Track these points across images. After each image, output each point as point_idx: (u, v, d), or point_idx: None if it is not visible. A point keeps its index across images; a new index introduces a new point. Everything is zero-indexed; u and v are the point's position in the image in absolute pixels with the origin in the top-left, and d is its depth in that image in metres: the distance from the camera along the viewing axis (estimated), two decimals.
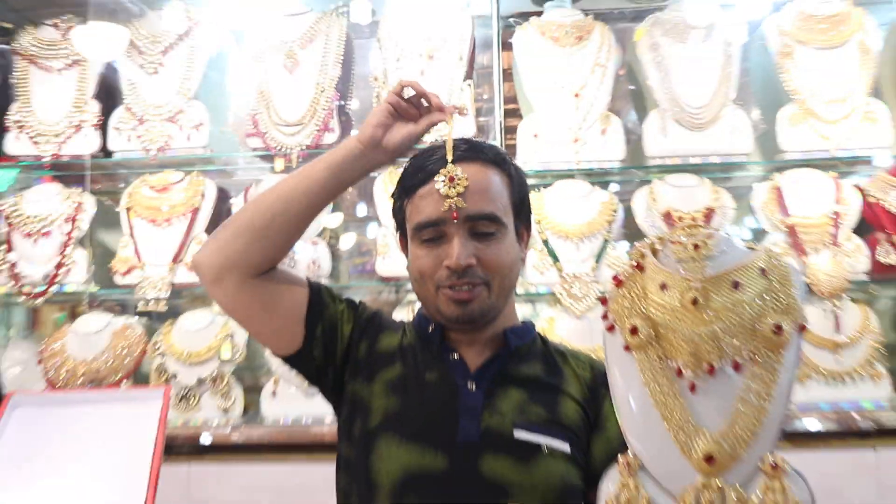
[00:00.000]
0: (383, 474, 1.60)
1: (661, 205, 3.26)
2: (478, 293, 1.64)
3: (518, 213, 1.72)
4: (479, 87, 3.57)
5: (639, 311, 1.20)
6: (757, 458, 1.11)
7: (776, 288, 1.16)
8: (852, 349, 3.11)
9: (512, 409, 1.64)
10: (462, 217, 1.60)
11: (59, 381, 3.21)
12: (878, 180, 3.25)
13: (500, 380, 1.69)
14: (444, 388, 1.67)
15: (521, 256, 1.74)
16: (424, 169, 1.67)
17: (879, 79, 3.41)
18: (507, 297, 1.72)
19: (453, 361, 1.71)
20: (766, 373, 1.13)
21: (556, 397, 1.68)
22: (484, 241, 1.63)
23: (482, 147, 1.72)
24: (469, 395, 1.66)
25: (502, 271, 1.66)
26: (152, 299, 3.27)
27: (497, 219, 1.64)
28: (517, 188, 1.72)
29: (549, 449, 1.60)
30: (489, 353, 1.72)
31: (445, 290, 1.64)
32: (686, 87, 3.35)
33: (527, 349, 1.76)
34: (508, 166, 1.73)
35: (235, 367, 3.26)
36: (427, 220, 1.63)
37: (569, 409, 1.67)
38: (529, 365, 1.73)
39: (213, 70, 3.58)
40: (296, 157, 3.31)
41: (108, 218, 3.62)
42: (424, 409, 1.65)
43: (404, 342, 1.78)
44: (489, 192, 1.65)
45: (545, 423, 1.63)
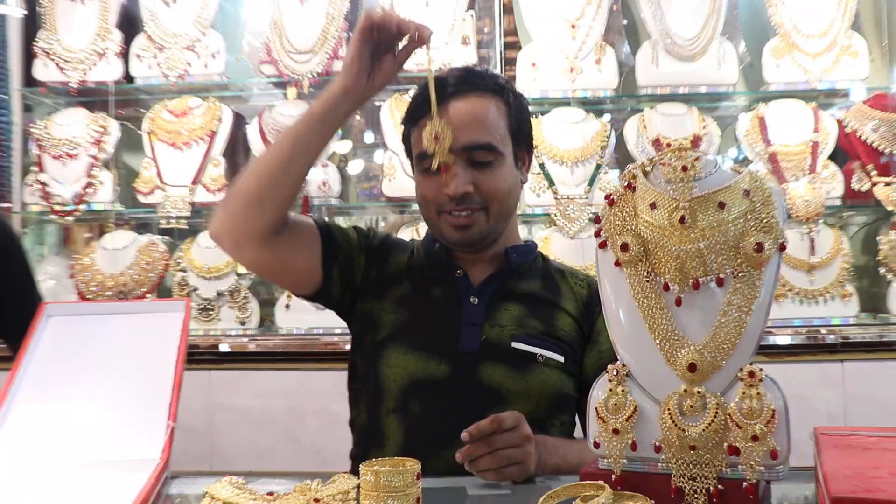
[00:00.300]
0: (390, 380, 1.63)
1: (652, 132, 3.24)
2: (476, 218, 1.65)
3: (517, 140, 1.70)
4: (481, 20, 3.51)
5: (629, 228, 1.19)
6: (736, 367, 1.11)
7: (759, 209, 1.14)
8: (825, 270, 3.12)
9: (511, 321, 1.66)
10: (459, 147, 1.59)
11: (88, 293, 3.22)
12: (855, 111, 3.21)
13: (501, 295, 1.70)
14: (449, 302, 1.69)
15: (520, 180, 1.74)
16: (427, 100, 1.62)
17: (859, 14, 3.34)
18: (507, 220, 1.73)
19: (458, 277, 1.72)
20: (747, 288, 1.13)
21: (552, 312, 1.70)
22: (481, 169, 1.63)
23: (481, 76, 1.70)
24: (471, 308, 1.68)
25: (499, 197, 1.66)
26: (174, 217, 3.27)
27: (493, 148, 1.63)
28: (515, 115, 1.70)
29: (543, 358, 1.62)
30: (492, 269, 1.73)
31: (446, 215, 1.65)
32: (677, 19, 3.30)
33: (528, 267, 1.77)
34: (507, 94, 1.70)
35: (251, 281, 3.28)
36: (427, 149, 1.61)
37: (564, 323, 1.69)
38: (529, 282, 1.74)
39: (228, 1, 3.51)
40: (307, 84, 3.27)
41: (132, 141, 3.60)
42: (429, 321, 1.67)
43: (413, 261, 1.78)
44: (486, 122, 1.63)
45: (541, 336, 1.65)
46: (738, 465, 1.09)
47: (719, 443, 1.10)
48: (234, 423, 2.91)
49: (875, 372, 2.80)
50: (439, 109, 1.58)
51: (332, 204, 3.31)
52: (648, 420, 1.16)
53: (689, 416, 1.12)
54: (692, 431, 1.10)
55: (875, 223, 3.37)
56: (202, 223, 3.43)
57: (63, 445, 1.45)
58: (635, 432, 1.16)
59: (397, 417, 1.62)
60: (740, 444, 1.08)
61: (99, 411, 1.52)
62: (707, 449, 1.10)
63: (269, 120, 3.31)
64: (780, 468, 1.09)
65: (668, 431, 1.12)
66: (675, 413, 1.12)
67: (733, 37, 3.48)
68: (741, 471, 1.08)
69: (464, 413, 1.43)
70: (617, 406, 1.17)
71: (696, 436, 1.10)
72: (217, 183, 3.28)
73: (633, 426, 1.16)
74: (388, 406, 1.63)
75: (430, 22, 3.08)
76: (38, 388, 1.55)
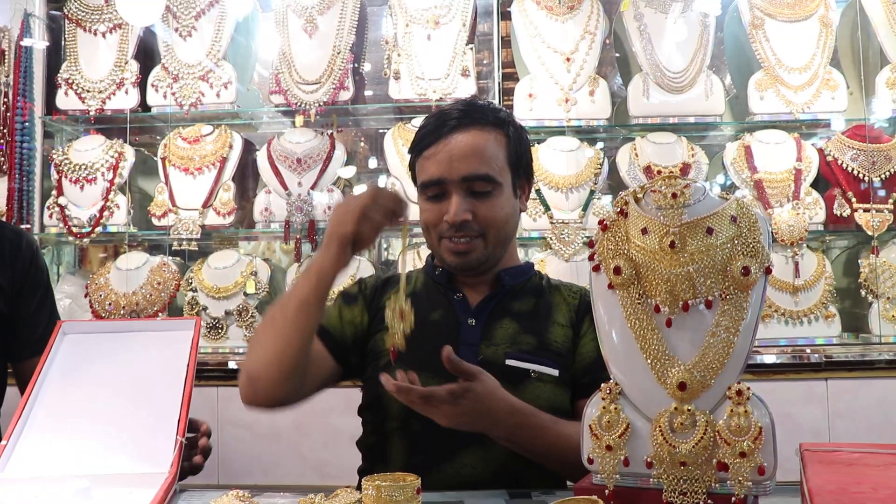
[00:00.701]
0: (392, 402, 1.62)
1: (643, 159, 3.25)
2: (474, 245, 1.66)
3: (516, 170, 1.71)
4: (480, 53, 3.54)
5: (622, 252, 1.19)
6: (724, 386, 1.11)
7: (745, 234, 1.15)
8: (809, 292, 3.12)
9: (505, 339, 1.66)
10: (459, 178, 1.62)
11: (103, 311, 3.21)
12: (835, 141, 3.23)
13: (497, 314, 1.71)
14: (448, 325, 1.70)
15: (518, 208, 1.75)
16: (431, 133, 1.67)
17: (837, 50, 3.37)
18: (505, 246, 1.73)
19: (457, 300, 1.73)
20: (734, 310, 1.13)
21: (545, 325, 1.70)
22: (479, 198, 1.64)
23: (483, 110, 1.71)
24: (469, 329, 1.68)
25: (497, 225, 1.67)
26: (185, 240, 3.27)
27: (491, 178, 1.64)
28: (515, 147, 1.71)
29: (536, 374, 1.62)
30: (488, 291, 1.74)
31: (446, 241, 1.66)
32: (666, 54, 3.32)
33: (521, 286, 1.76)
34: (508, 127, 1.71)
35: (259, 300, 3.27)
36: (429, 179, 1.65)
37: (557, 334, 1.69)
38: (524, 300, 1.74)
39: (240, 34, 3.53)
40: (314, 113, 3.28)
41: (146, 167, 3.61)
42: (429, 343, 1.66)
43: (412, 290, 1.78)
44: (484, 154, 1.64)
45: (535, 351, 1.65)
46: (726, 481, 1.08)
47: (708, 459, 1.09)
48: (240, 438, 2.89)
49: (858, 390, 2.79)
50: (439, 145, 1.62)
51: None
52: (640, 437, 1.15)
53: (680, 433, 1.11)
54: (682, 448, 1.10)
55: (856, 247, 3.38)
56: (212, 245, 3.44)
57: (76, 459, 1.44)
58: (628, 449, 1.15)
59: (400, 436, 1.63)
60: (729, 460, 1.07)
61: (111, 426, 1.51)
62: (697, 465, 1.10)
63: (277, 147, 3.32)
64: (767, 483, 1.08)
65: (660, 448, 1.12)
66: (665, 430, 1.12)
67: (720, 70, 3.51)
68: (730, 486, 1.08)
69: (462, 430, 1.42)
70: (610, 423, 1.17)
71: (686, 452, 1.10)
72: (227, 206, 3.28)
73: (626, 443, 1.15)
74: (392, 426, 1.64)
75: (432, 55, 3.12)
76: (53, 404, 1.55)
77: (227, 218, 3.28)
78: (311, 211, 3.21)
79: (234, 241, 3.50)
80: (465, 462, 1.56)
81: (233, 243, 3.48)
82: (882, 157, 3.14)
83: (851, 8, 3.39)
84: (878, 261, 3.08)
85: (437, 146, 1.65)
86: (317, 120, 3.33)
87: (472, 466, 1.56)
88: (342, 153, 3.34)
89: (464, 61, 3.25)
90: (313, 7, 3.37)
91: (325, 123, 3.47)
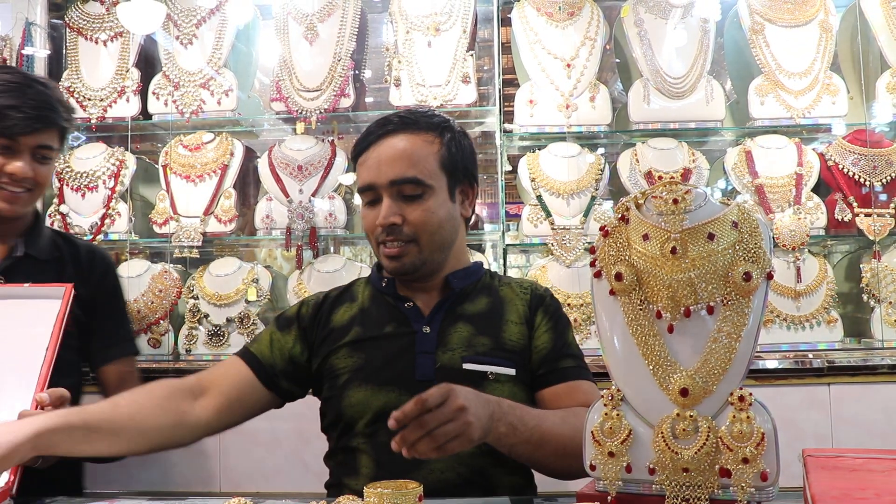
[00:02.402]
0: (356, 418, 1.65)
1: (644, 165, 3.25)
2: (407, 249, 1.67)
3: (453, 175, 1.72)
4: (481, 60, 3.55)
5: (623, 258, 1.19)
6: (726, 391, 1.11)
7: (746, 240, 1.15)
8: (811, 297, 3.11)
9: (460, 343, 1.66)
10: (387, 182, 1.64)
11: None
12: (836, 146, 3.22)
13: (450, 319, 1.71)
14: (402, 335, 1.70)
15: (458, 214, 1.75)
16: (366, 139, 1.71)
17: (837, 55, 3.37)
18: (445, 250, 1.73)
19: (409, 309, 1.73)
20: (736, 315, 1.13)
21: (499, 325, 1.70)
22: (410, 202, 1.66)
23: (417, 118, 1.73)
24: (424, 337, 1.68)
25: (429, 229, 1.67)
26: (186, 247, 3.27)
27: (420, 182, 1.65)
28: (450, 151, 1.71)
29: (494, 375, 1.63)
30: (438, 297, 1.74)
31: (382, 246, 1.68)
32: (667, 59, 3.32)
33: (472, 287, 1.77)
34: (443, 132, 1.72)
35: (260, 307, 3.27)
36: (362, 184, 1.69)
37: (512, 332, 1.70)
38: (476, 301, 1.74)
39: (240, 41, 3.54)
40: (315, 120, 3.29)
41: (147, 174, 3.61)
42: (386, 357, 1.68)
43: (361, 305, 1.79)
44: (412, 157, 1.66)
45: (490, 352, 1.66)
46: (729, 487, 1.08)
47: (711, 465, 1.09)
48: (242, 446, 2.89)
49: (860, 395, 2.78)
50: (371, 151, 1.69)
51: (338, 234, 3.31)
52: (642, 443, 1.15)
53: (682, 439, 1.11)
54: (685, 454, 1.10)
55: (857, 251, 3.37)
56: (214, 252, 3.43)
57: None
58: (630, 455, 1.15)
59: (367, 448, 1.64)
60: (731, 466, 1.07)
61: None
62: (699, 471, 1.10)
63: (278, 154, 3.33)
64: (769, 489, 1.08)
65: (662, 454, 1.12)
66: (668, 436, 1.12)
67: (720, 75, 3.51)
68: (732, 492, 1.07)
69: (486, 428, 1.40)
70: (612, 430, 1.16)
71: (688, 458, 1.10)
72: (228, 214, 3.28)
73: (628, 449, 1.15)
74: (358, 440, 1.65)
75: (433, 61, 3.12)
76: None
77: (228, 225, 3.28)
78: (312, 218, 3.21)
79: (235, 249, 3.50)
80: (433, 468, 1.56)
81: (234, 251, 3.48)
82: (883, 162, 3.14)
83: (851, 13, 3.39)
84: (880, 265, 3.08)
85: (368, 152, 1.69)
86: (318, 127, 3.33)
87: (440, 472, 1.57)
88: (343, 160, 3.35)
89: (464, 68, 3.25)
90: (314, 14, 3.37)
91: (326, 130, 3.48)
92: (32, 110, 1.86)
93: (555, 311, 1.77)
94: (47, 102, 1.90)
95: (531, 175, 3.22)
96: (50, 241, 2.10)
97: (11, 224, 2.01)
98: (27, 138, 1.88)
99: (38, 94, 1.88)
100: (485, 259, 3.31)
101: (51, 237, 2.12)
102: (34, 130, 1.88)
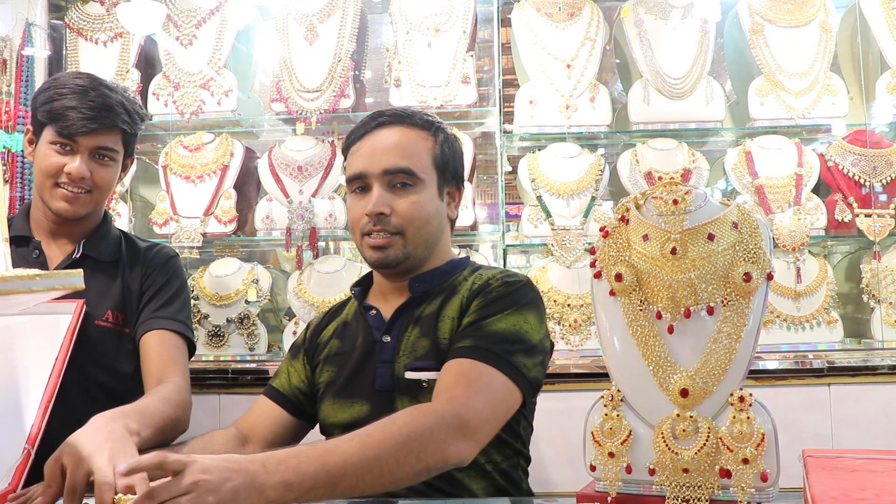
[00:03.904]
0: (329, 431, 1.68)
1: (644, 166, 3.25)
2: (392, 241, 1.65)
3: (443, 174, 1.72)
4: (480, 60, 3.55)
5: (623, 259, 1.19)
6: (726, 392, 1.11)
7: (746, 240, 1.15)
8: (811, 297, 3.11)
9: (407, 349, 1.64)
10: (380, 171, 1.64)
11: None
12: (836, 146, 3.22)
13: (405, 324, 1.68)
14: (366, 345, 1.70)
15: (445, 213, 1.75)
16: (359, 129, 1.73)
17: (837, 56, 3.37)
18: (428, 248, 1.71)
19: (372, 317, 1.73)
20: (736, 316, 1.13)
21: (436, 323, 1.64)
22: (399, 193, 1.66)
23: (411, 113, 1.74)
24: (383, 346, 1.67)
25: (416, 222, 1.66)
26: (186, 247, 3.27)
27: (412, 173, 1.66)
28: (442, 151, 1.73)
29: (428, 382, 1.58)
30: (398, 303, 1.72)
31: (367, 237, 1.67)
32: (666, 60, 3.31)
33: (438, 290, 1.71)
34: (436, 131, 1.74)
35: (260, 308, 3.27)
36: (353, 173, 1.69)
37: (445, 329, 1.63)
38: (432, 303, 1.69)
39: (240, 42, 3.54)
40: (315, 121, 3.29)
41: (147, 175, 3.61)
42: (352, 369, 1.69)
43: (343, 320, 1.81)
44: (406, 149, 1.67)
45: (427, 355, 1.61)
46: (729, 488, 1.08)
47: (711, 465, 1.09)
48: None
49: (860, 395, 2.78)
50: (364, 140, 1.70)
51: (339, 235, 3.31)
52: (643, 444, 1.15)
53: (682, 439, 1.11)
54: (685, 454, 1.10)
55: (857, 252, 3.37)
56: (214, 253, 3.43)
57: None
58: (630, 456, 1.15)
59: None
60: (731, 466, 1.07)
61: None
62: (699, 471, 1.10)
63: (278, 154, 3.33)
64: (770, 490, 1.08)
65: (662, 455, 1.12)
66: (668, 437, 1.12)
67: (720, 76, 3.51)
68: (733, 493, 1.07)
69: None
70: (612, 430, 1.17)
71: (688, 459, 1.10)
72: (228, 214, 3.28)
73: (628, 450, 1.15)
74: None
75: (433, 62, 3.12)
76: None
77: (228, 226, 3.28)
78: (312, 218, 3.21)
79: (235, 250, 3.50)
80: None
81: (234, 251, 3.48)
82: (883, 162, 3.15)
83: (851, 13, 3.39)
84: (880, 266, 3.08)
85: (362, 141, 1.70)
86: (318, 127, 3.33)
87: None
88: (343, 161, 3.35)
89: (464, 68, 3.25)
90: (314, 15, 3.38)
91: (326, 131, 3.47)
92: (90, 111, 1.90)
93: (497, 297, 1.61)
94: (107, 105, 1.93)
95: (531, 175, 3.22)
96: (114, 244, 2.13)
97: (75, 225, 2.04)
98: (85, 139, 1.92)
99: (99, 97, 1.92)
100: (485, 259, 3.31)
101: (117, 239, 2.16)
102: (91, 131, 1.91)
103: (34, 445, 1.38)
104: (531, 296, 1.63)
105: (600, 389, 1.25)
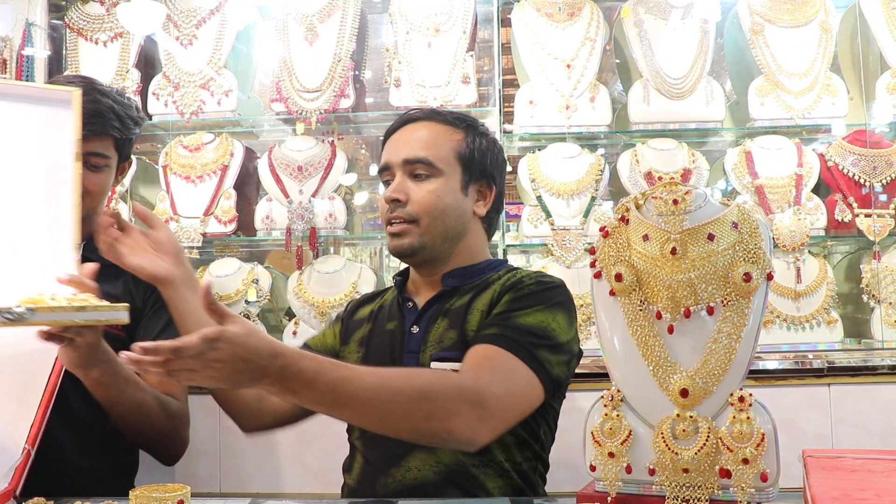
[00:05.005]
0: None
1: (644, 166, 3.25)
2: (407, 229, 1.68)
3: (468, 169, 1.73)
4: (480, 60, 3.55)
5: (623, 259, 1.19)
6: (726, 392, 1.11)
7: (746, 240, 1.15)
8: (811, 297, 3.11)
9: (435, 340, 1.65)
10: (401, 160, 1.70)
11: None
12: (836, 146, 3.23)
13: (435, 317, 1.70)
14: (397, 334, 1.72)
15: (467, 208, 1.74)
16: (391, 126, 1.80)
17: (837, 56, 3.37)
18: (448, 240, 1.71)
19: (408, 309, 1.75)
20: (736, 316, 1.13)
21: (465, 316, 1.65)
22: (418, 182, 1.69)
23: (444, 112, 1.80)
24: (412, 337, 1.69)
25: (431, 212, 1.68)
26: (186, 247, 3.27)
27: (430, 163, 1.69)
28: (471, 147, 1.74)
29: (455, 371, 1.56)
30: (430, 296, 1.74)
31: (388, 225, 1.71)
32: (666, 60, 3.31)
33: (471, 286, 1.72)
34: (468, 128, 1.76)
35: (260, 308, 3.27)
36: (382, 165, 1.76)
37: (473, 322, 1.63)
38: (463, 297, 1.70)
39: (240, 42, 3.54)
40: (314, 121, 3.29)
41: (147, 175, 3.61)
42: (381, 354, 1.71)
43: (381, 304, 1.83)
44: (426, 140, 1.71)
45: (454, 345, 1.62)
46: (729, 488, 1.08)
47: (711, 465, 1.09)
48: (242, 446, 2.89)
49: (860, 395, 2.78)
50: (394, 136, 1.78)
51: (339, 235, 3.31)
52: (643, 444, 1.15)
53: (682, 439, 1.11)
54: (685, 455, 1.10)
55: (857, 252, 3.37)
56: (214, 253, 3.43)
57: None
58: (630, 456, 1.15)
59: (360, 446, 1.68)
60: (731, 466, 1.07)
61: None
62: (699, 471, 1.10)
63: (278, 154, 3.33)
64: (770, 490, 1.08)
65: (662, 455, 1.12)
66: (668, 437, 1.12)
67: (720, 76, 3.51)
68: (732, 493, 1.07)
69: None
70: (612, 430, 1.17)
71: (688, 459, 1.10)
72: (228, 214, 3.28)
73: (628, 450, 1.15)
74: (355, 434, 1.71)
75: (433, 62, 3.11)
76: None
77: (228, 226, 3.28)
78: (312, 218, 3.21)
79: (235, 249, 3.50)
80: (410, 466, 1.57)
81: (234, 251, 3.48)
82: (883, 162, 3.15)
83: (851, 13, 3.39)
84: (880, 266, 3.08)
85: (393, 136, 1.77)
86: (318, 127, 3.33)
87: (417, 469, 1.57)
88: (343, 161, 3.35)
89: (464, 68, 3.25)
90: (314, 15, 3.37)
91: (326, 131, 3.47)
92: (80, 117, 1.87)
93: (528, 293, 1.62)
94: (96, 111, 1.89)
95: (531, 176, 3.22)
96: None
97: None
98: None
99: (89, 102, 1.87)
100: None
101: None
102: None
103: (34, 445, 1.39)
104: (563, 298, 1.64)
105: (600, 389, 1.25)
